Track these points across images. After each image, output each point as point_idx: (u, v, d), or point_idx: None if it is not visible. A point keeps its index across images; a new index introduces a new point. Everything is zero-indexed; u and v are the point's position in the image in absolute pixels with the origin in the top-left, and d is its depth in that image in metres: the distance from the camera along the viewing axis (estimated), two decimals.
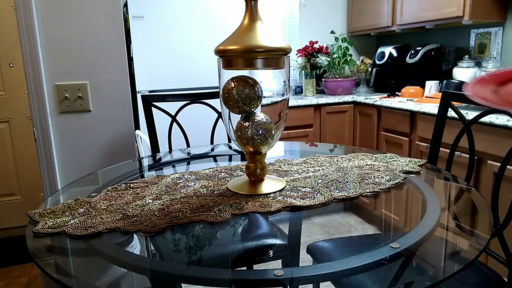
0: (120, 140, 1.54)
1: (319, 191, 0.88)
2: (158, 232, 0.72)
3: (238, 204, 0.82)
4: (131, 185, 0.97)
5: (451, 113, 1.32)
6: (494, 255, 1.06)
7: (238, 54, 0.82)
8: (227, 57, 0.84)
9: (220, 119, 1.58)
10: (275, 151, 1.34)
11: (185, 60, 2.42)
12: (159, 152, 1.54)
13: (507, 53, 2.46)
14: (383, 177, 0.97)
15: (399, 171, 1.02)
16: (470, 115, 1.80)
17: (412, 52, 2.87)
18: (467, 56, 2.60)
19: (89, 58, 1.45)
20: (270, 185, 0.91)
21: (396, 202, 0.93)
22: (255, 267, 0.72)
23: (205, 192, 0.90)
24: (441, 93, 1.34)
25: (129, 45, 2.30)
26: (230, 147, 1.48)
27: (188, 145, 1.58)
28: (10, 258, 2.32)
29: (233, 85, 0.84)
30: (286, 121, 0.92)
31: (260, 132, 0.86)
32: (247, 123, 0.86)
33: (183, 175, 1.03)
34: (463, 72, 2.57)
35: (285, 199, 0.84)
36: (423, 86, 2.71)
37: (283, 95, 0.92)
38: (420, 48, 2.82)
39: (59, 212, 0.81)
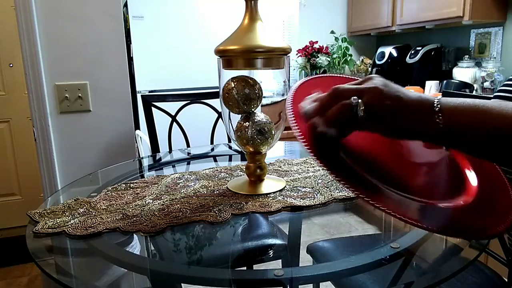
0: (120, 140, 1.54)
1: (319, 191, 0.88)
2: (158, 232, 0.72)
3: (238, 204, 0.82)
4: (131, 185, 0.97)
5: None
6: (494, 255, 1.06)
7: (238, 54, 0.82)
8: (227, 57, 0.84)
9: (220, 119, 1.58)
10: (275, 151, 1.34)
11: (185, 60, 2.42)
12: (159, 152, 1.54)
13: (507, 53, 2.46)
14: None
15: None
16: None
17: (412, 52, 2.87)
18: (467, 56, 2.60)
19: (89, 58, 1.44)
20: (270, 185, 0.91)
21: None
22: (255, 267, 0.72)
23: (205, 192, 0.90)
24: (441, 93, 1.34)
25: (129, 45, 2.29)
26: (230, 147, 1.48)
27: (188, 145, 1.58)
28: (10, 258, 2.32)
29: (233, 85, 0.84)
30: (286, 121, 0.92)
31: (260, 132, 0.86)
32: (247, 123, 0.86)
33: (183, 175, 1.03)
34: (463, 72, 2.57)
35: (285, 199, 0.84)
36: (423, 86, 2.71)
37: (283, 95, 0.92)
38: (420, 48, 2.82)
39: (59, 212, 0.81)
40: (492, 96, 0.78)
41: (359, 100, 0.50)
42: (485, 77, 2.42)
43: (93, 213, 0.80)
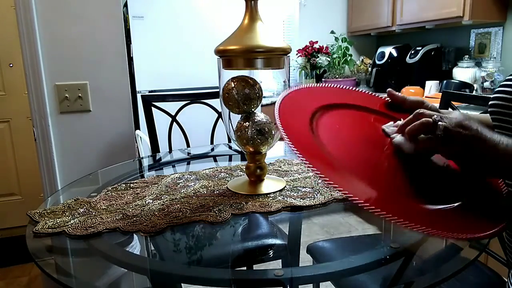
0: (120, 140, 1.54)
1: (319, 191, 0.88)
2: (158, 232, 0.72)
3: (238, 204, 0.82)
4: (131, 185, 0.97)
5: None
6: (494, 255, 1.06)
7: (238, 54, 0.82)
8: (227, 57, 0.84)
9: (220, 119, 1.58)
10: (275, 151, 1.34)
11: (185, 60, 2.42)
12: (159, 152, 1.54)
13: (507, 53, 2.46)
14: None
15: None
16: (470, 115, 1.80)
17: (412, 52, 2.87)
18: (467, 56, 2.60)
19: (89, 58, 1.44)
20: (270, 185, 0.91)
21: None
22: (255, 267, 0.72)
23: (205, 192, 0.90)
24: (441, 93, 1.34)
25: (129, 45, 2.30)
26: (230, 147, 1.48)
27: (188, 145, 1.58)
28: (10, 258, 2.32)
29: (233, 85, 0.84)
30: None
31: (260, 132, 0.86)
32: (247, 123, 0.86)
33: (183, 175, 1.03)
34: (463, 72, 2.57)
35: (285, 199, 0.84)
36: (423, 86, 2.70)
37: None
38: (420, 48, 2.82)
39: (59, 212, 0.81)
40: (492, 95, 0.78)
41: (440, 122, 0.54)
42: (485, 77, 2.42)
43: (93, 213, 0.80)
